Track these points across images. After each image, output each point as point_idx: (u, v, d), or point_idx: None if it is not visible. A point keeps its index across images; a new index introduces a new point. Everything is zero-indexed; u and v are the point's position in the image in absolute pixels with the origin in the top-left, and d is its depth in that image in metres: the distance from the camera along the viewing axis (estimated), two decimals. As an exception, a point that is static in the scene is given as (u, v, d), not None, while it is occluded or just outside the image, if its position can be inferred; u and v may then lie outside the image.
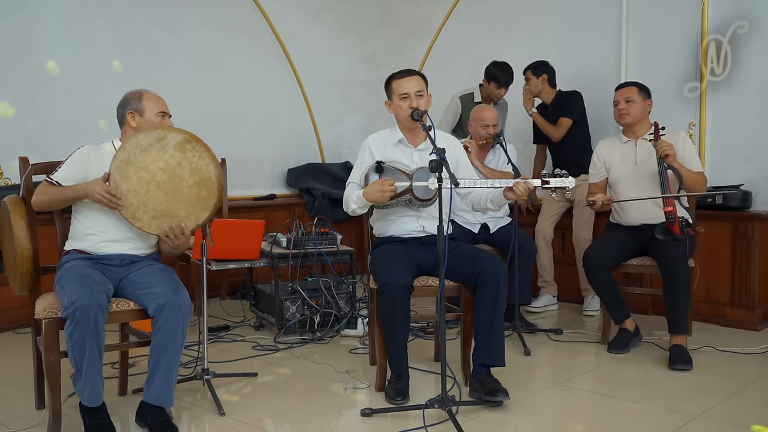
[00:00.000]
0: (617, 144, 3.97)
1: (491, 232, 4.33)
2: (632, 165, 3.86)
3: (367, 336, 3.80)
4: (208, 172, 2.74)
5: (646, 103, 3.88)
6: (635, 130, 3.90)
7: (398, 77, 3.22)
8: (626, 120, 3.87)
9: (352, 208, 3.18)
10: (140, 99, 2.90)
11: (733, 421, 2.79)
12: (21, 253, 2.74)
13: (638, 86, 3.90)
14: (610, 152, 3.96)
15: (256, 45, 5.83)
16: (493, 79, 4.90)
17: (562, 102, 4.76)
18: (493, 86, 4.90)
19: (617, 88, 3.97)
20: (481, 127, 4.32)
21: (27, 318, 3.10)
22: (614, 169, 3.93)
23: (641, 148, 3.85)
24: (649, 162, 3.75)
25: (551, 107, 4.81)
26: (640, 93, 3.86)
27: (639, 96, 3.85)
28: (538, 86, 4.77)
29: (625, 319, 3.80)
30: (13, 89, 4.57)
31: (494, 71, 4.89)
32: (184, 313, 2.66)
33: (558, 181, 3.00)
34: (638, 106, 3.85)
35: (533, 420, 2.88)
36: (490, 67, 4.92)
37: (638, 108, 3.85)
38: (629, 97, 3.85)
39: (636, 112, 3.85)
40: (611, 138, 4.09)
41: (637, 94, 3.86)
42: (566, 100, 4.75)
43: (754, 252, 4.26)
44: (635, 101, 3.84)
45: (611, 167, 3.94)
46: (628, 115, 3.85)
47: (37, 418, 2.84)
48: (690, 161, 3.74)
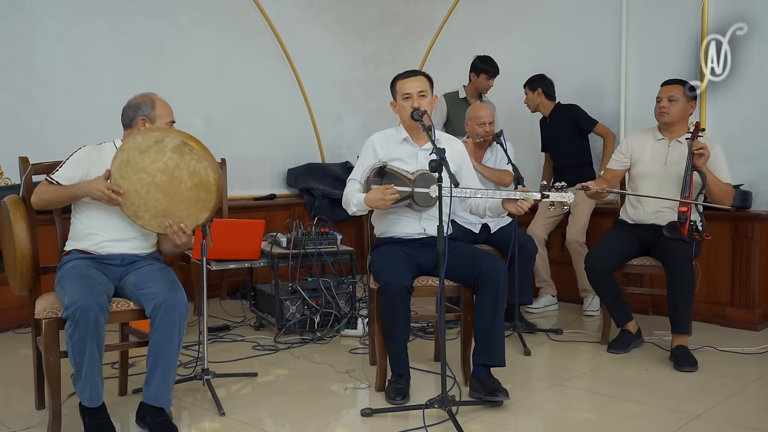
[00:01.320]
0: (650, 139, 3.85)
1: (491, 232, 4.33)
2: (661, 164, 3.77)
3: (367, 336, 3.80)
4: (206, 176, 2.74)
5: (690, 104, 3.77)
6: (672, 130, 3.79)
7: (402, 78, 3.23)
8: (665, 119, 3.76)
9: (353, 210, 3.18)
10: (153, 106, 2.89)
11: (733, 421, 2.79)
12: (21, 253, 2.74)
13: (685, 86, 3.77)
14: (641, 146, 3.85)
15: (256, 45, 5.82)
16: (483, 72, 4.96)
17: (564, 114, 4.78)
18: (483, 78, 4.97)
19: (663, 84, 3.82)
20: (477, 125, 4.33)
21: (27, 318, 3.10)
22: (641, 164, 3.83)
23: (674, 149, 3.75)
24: (680, 165, 3.64)
25: (550, 120, 4.85)
26: (685, 93, 3.74)
27: (684, 96, 3.73)
28: (535, 100, 4.83)
29: (627, 322, 3.79)
30: (13, 89, 4.57)
31: (482, 65, 4.96)
32: (180, 313, 2.66)
33: (558, 195, 3.01)
34: (680, 106, 3.73)
35: (533, 420, 2.88)
36: (476, 62, 5.00)
37: (680, 108, 3.73)
38: (673, 96, 3.73)
39: (676, 112, 3.73)
40: (645, 131, 3.94)
41: (682, 94, 3.73)
42: (569, 112, 4.77)
43: (754, 252, 4.26)
44: (678, 101, 3.72)
45: (638, 161, 3.84)
46: (668, 114, 3.73)
47: (37, 418, 2.84)
48: (720, 171, 3.64)
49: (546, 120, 4.89)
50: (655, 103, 3.82)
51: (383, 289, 2.97)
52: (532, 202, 3.00)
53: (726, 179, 3.66)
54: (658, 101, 3.80)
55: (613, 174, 3.92)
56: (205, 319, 3.05)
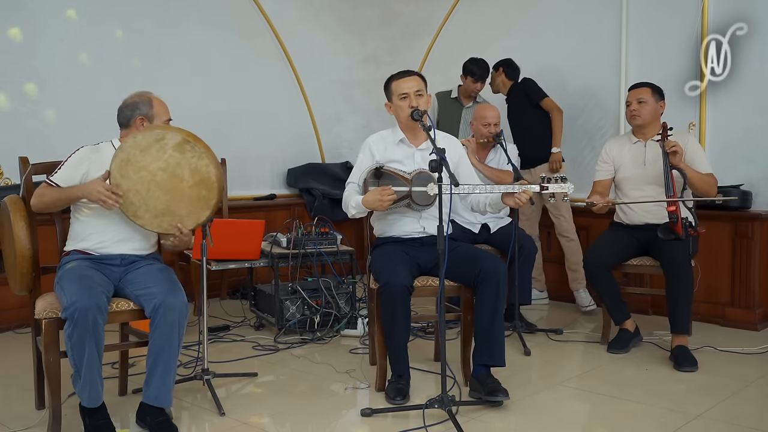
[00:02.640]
0: (627, 144, 3.93)
1: (491, 232, 4.33)
2: (641, 166, 3.83)
3: (367, 336, 3.80)
4: (208, 173, 2.74)
5: (659, 104, 3.83)
6: (645, 132, 3.85)
7: (397, 78, 3.22)
8: (637, 121, 3.82)
9: (352, 212, 3.19)
10: (151, 105, 2.88)
11: (733, 421, 2.79)
12: (21, 253, 2.74)
13: (652, 87, 3.83)
14: (620, 151, 3.92)
15: (256, 45, 5.82)
16: (469, 74, 4.97)
17: (518, 90, 4.84)
18: (469, 80, 4.98)
19: (630, 88, 3.90)
20: (482, 125, 4.33)
21: (27, 318, 3.10)
22: (623, 169, 3.90)
23: (650, 149, 3.81)
24: (658, 163, 3.71)
25: (508, 98, 4.92)
26: (653, 94, 3.81)
27: (652, 97, 3.79)
28: (496, 80, 4.94)
29: (625, 320, 3.80)
30: (12, 89, 4.57)
31: (471, 66, 4.97)
32: (180, 313, 2.66)
33: (557, 186, 3.00)
34: (650, 108, 3.79)
35: (533, 420, 2.88)
36: (467, 62, 5.00)
37: (650, 109, 3.79)
38: (642, 98, 3.80)
39: (647, 114, 3.80)
40: (621, 137, 4.06)
41: (650, 95, 3.80)
42: (522, 86, 4.83)
43: (754, 252, 4.26)
44: (647, 102, 3.79)
45: (620, 167, 3.91)
46: (639, 117, 3.80)
47: (37, 418, 2.84)
48: (699, 163, 3.69)
49: (506, 100, 4.94)
50: (626, 107, 3.90)
51: (383, 289, 2.97)
52: (531, 194, 3.00)
53: (706, 170, 3.70)
54: (628, 105, 3.87)
55: (603, 185, 3.97)
56: (205, 319, 3.05)
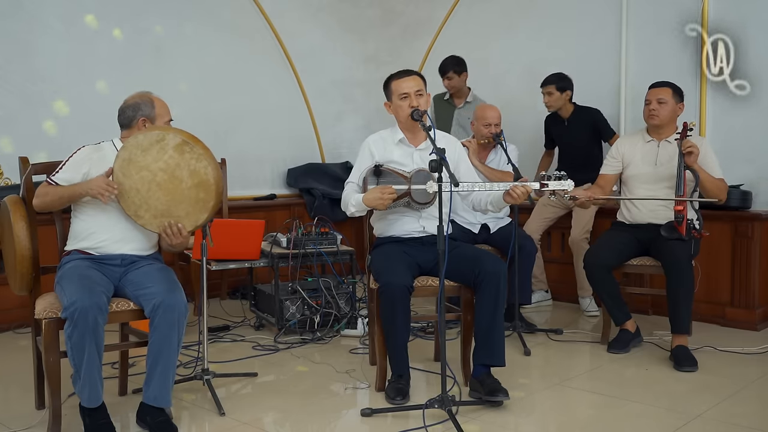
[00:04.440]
0: (639, 141, 3.89)
1: (491, 232, 4.33)
2: (652, 165, 3.80)
3: (367, 336, 3.80)
4: (206, 175, 2.74)
5: (678, 106, 3.78)
6: (660, 132, 3.82)
7: (397, 78, 3.22)
8: (654, 121, 3.78)
9: (351, 211, 3.18)
10: (152, 106, 2.88)
11: (733, 421, 2.79)
12: (21, 253, 2.74)
13: (673, 88, 3.78)
14: (632, 149, 3.89)
15: (255, 45, 5.82)
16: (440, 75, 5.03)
17: (585, 118, 4.70)
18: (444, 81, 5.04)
19: (651, 87, 3.84)
20: (483, 125, 4.32)
21: (27, 318, 3.09)
22: (632, 166, 3.87)
23: (663, 150, 3.78)
24: (670, 164, 3.68)
25: (569, 122, 4.76)
26: (673, 95, 3.76)
27: (672, 98, 3.75)
28: (560, 101, 4.68)
29: (625, 321, 3.80)
30: (13, 89, 4.57)
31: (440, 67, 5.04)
32: (179, 313, 2.66)
33: (557, 183, 3.00)
34: (669, 108, 3.75)
35: (533, 420, 2.88)
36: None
37: (669, 110, 3.75)
38: (662, 98, 3.75)
39: (666, 115, 3.75)
40: (634, 134, 4.02)
41: (670, 96, 3.75)
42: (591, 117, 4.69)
43: (754, 252, 4.26)
44: (667, 103, 3.74)
45: (630, 164, 3.88)
46: (658, 117, 3.75)
47: (37, 418, 2.84)
48: (711, 167, 3.68)
49: (563, 121, 4.78)
50: (644, 105, 3.84)
51: (383, 289, 2.97)
52: (529, 190, 2.99)
53: (718, 174, 3.70)
54: (647, 104, 3.82)
55: (607, 179, 3.96)
56: (205, 319, 3.05)
